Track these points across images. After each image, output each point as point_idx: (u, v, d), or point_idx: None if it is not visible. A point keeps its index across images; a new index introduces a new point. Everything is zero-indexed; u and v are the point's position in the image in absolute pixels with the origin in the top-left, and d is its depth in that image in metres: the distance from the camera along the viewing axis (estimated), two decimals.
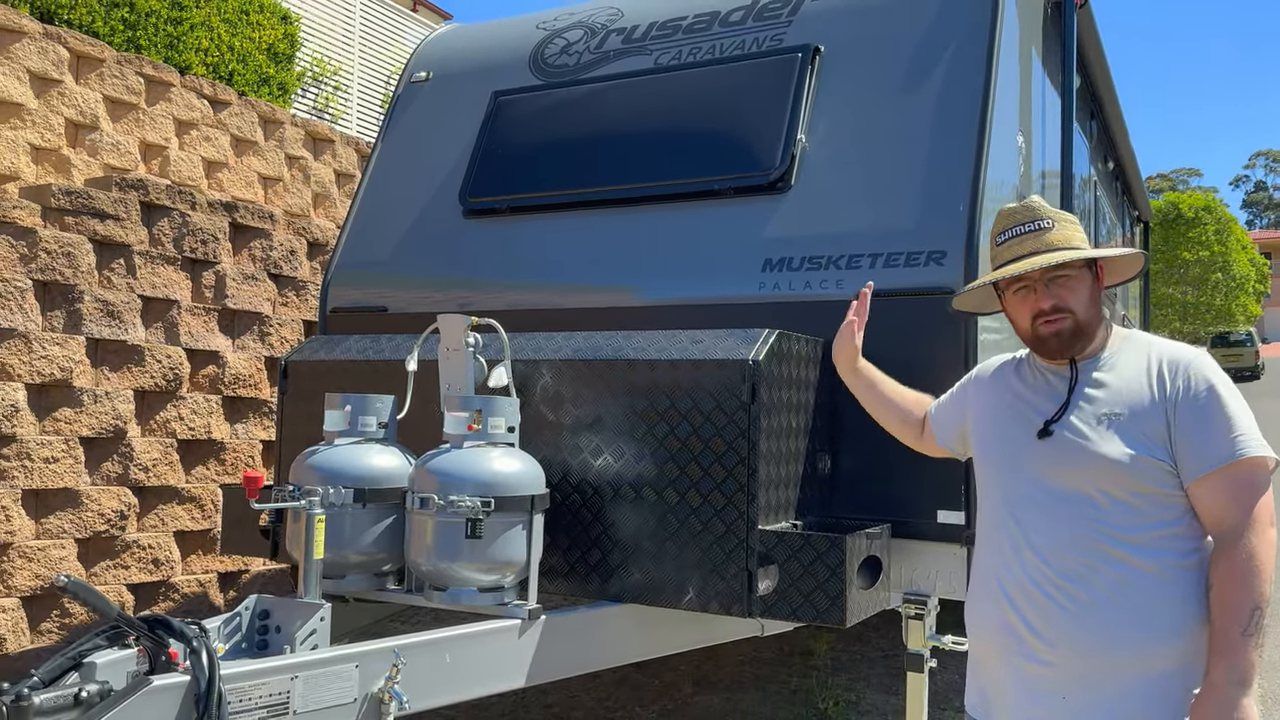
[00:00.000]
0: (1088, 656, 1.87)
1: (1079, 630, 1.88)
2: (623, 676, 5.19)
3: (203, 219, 5.63)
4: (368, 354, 3.99)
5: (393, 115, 5.18)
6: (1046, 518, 1.94)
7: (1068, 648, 1.89)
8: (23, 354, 4.73)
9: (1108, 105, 6.31)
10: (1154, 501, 1.88)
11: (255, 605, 2.91)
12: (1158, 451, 1.87)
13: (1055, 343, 2.00)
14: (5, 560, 4.61)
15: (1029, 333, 2.04)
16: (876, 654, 5.74)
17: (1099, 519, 1.89)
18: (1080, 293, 2.00)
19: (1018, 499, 2.00)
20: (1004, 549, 2.01)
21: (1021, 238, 2.05)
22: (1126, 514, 1.88)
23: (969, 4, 3.99)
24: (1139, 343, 2.01)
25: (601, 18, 4.84)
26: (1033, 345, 2.07)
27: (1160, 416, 1.89)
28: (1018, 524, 1.99)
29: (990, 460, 2.10)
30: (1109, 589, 1.87)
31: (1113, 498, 1.88)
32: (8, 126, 5.90)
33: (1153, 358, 1.96)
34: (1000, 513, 2.04)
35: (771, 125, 4.03)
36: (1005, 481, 2.04)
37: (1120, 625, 1.85)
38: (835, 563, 3.00)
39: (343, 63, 9.90)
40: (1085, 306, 2.00)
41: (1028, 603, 1.94)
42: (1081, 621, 1.88)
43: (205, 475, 5.53)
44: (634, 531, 3.34)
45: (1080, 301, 1.99)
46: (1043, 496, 1.96)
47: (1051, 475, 1.95)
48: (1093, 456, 1.90)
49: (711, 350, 3.30)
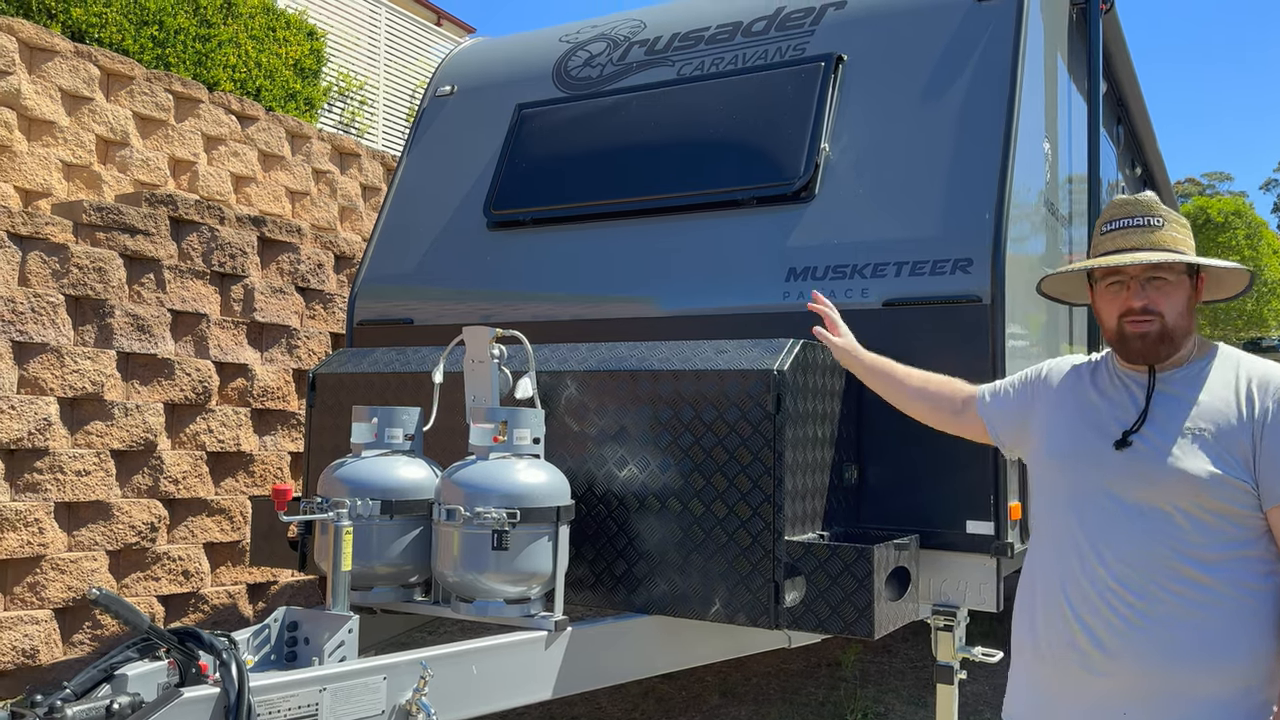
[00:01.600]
0: (1151, 674, 1.81)
1: (1144, 646, 1.82)
2: (649, 688, 5.18)
3: (231, 233, 5.69)
4: (394, 366, 4.01)
5: (418, 129, 5.22)
6: (1117, 529, 1.88)
7: (1131, 663, 1.83)
8: (55, 368, 4.79)
9: (1135, 110, 6.25)
10: (1230, 521, 1.82)
11: (284, 617, 2.92)
12: (1240, 472, 1.81)
13: (1139, 344, 1.92)
14: (38, 572, 4.66)
15: (1114, 330, 1.96)
16: (904, 665, 5.70)
17: (1172, 535, 1.83)
18: (1175, 299, 1.92)
19: (1087, 508, 1.93)
20: (1067, 558, 1.94)
21: (1128, 231, 1.97)
22: (1201, 532, 1.82)
23: (993, 10, 3.97)
24: (1227, 357, 1.94)
25: (624, 30, 4.86)
26: (1116, 344, 1.98)
27: (1247, 437, 1.82)
28: (1085, 534, 1.92)
29: (1059, 466, 2.01)
30: (1177, 607, 1.81)
31: (1188, 514, 1.82)
32: (40, 144, 5.99)
33: (1241, 375, 1.89)
34: (1066, 520, 1.96)
35: (795, 134, 4.02)
36: (1074, 489, 1.96)
37: (1187, 644, 1.80)
38: (863, 574, 2.98)
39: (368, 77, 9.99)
40: (1177, 314, 1.92)
41: (1092, 614, 1.88)
42: (1147, 637, 1.82)
43: (234, 487, 5.58)
44: (659, 543, 3.33)
45: (1173, 308, 1.92)
46: (1115, 508, 1.89)
47: (1127, 487, 1.88)
48: (1173, 471, 1.83)
49: (736, 361, 3.30)
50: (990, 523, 3.42)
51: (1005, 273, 3.52)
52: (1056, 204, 4.36)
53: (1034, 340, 3.94)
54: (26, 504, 4.61)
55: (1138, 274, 1.93)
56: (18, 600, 4.61)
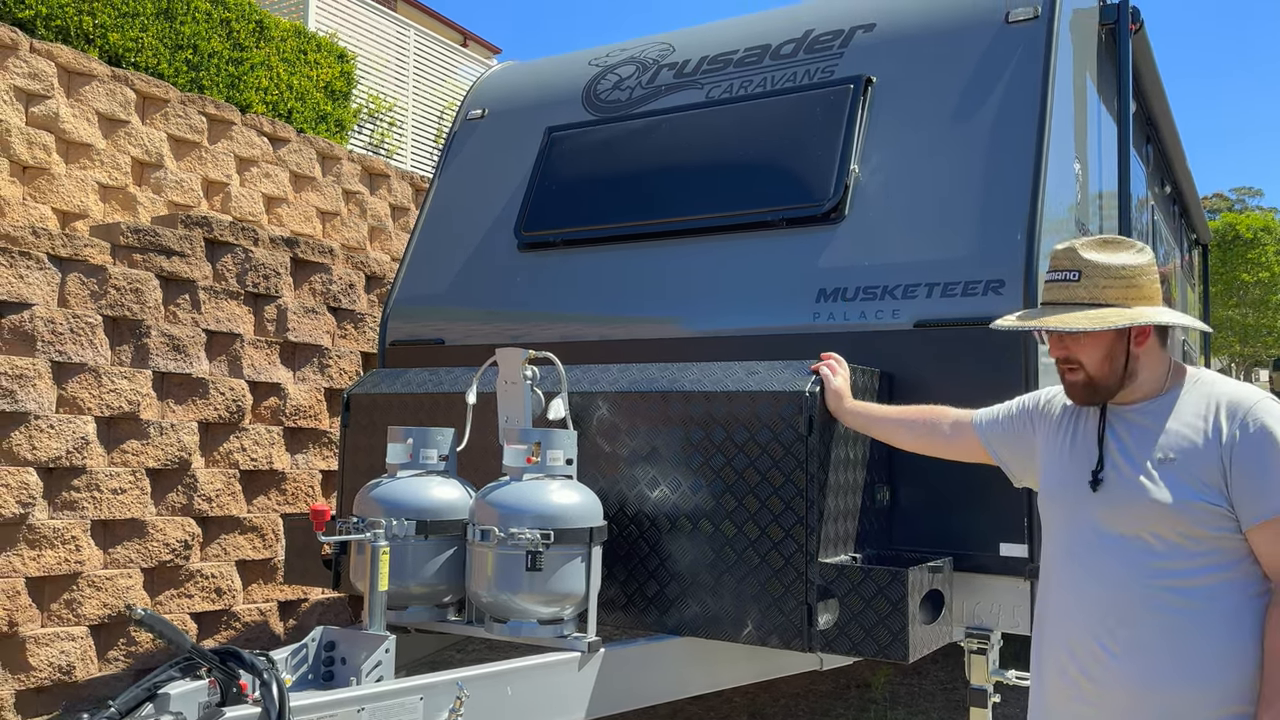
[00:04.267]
0: (1136, 701, 1.86)
1: (1129, 671, 1.87)
2: (678, 709, 5.16)
3: (264, 254, 5.76)
4: (427, 387, 4.05)
5: (449, 151, 5.28)
6: (1101, 560, 1.93)
7: (1117, 689, 1.88)
8: (93, 388, 4.86)
9: (1164, 129, 6.24)
10: (1207, 545, 1.85)
11: (321, 637, 2.95)
12: (1211, 496, 1.84)
13: (1071, 390, 2.02)
14: (75, 589, 4.72)
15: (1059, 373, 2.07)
16: (935, 687, 5.66)
17: (1151, 562, 1.87)
18: (1092, 351, 1.96)
19: (1075, 540, 1.99)
20: (1063, 590, 2.01)
21: (1051, 285, 2.02)
22: (1178, 556, 1.86)
23: (1023, 31, 3.98)
24: (1200, 384, 1.97)
25: (653, 53, 4.90)
26: None
27: (1215, 461, 1.85)
28: (1076, 566, 1.98)
29: (1053, 502, 2.09)
30: (1159, 630, 1.85)
31: (1165, 540, 1.86)
32: (78, 166, 6.10)
33: (1213, 401, 1.92)
34: (1061, 554, 2.03)
35: (824, 156, 4.04)
36: (1065, 523, 2.04)
37: (1169, 667, 1.83)
38: (897, 597, 2.97)
39: (397, 99, 10.10)
40: (1097, 363, 1.96)
41: (1080, 643, 1.94)
42: (1131, 664, 1.86)
43: (266, 505, 5.63)
44: (691, 564, 3.34)
45: (1092, 359, 1.96)
46: (1096, 540, 1.95)
47: (1104, 519, 1.95)
48: (1143, 501, 1.89)
49: (767, 382, 3.31)
50: (1024, 545, 3.40)
51: (1038, 294, 3.52)
52: (1087, 223, 4.35)
53: None
54: (64, 521, 4.67)
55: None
56: (55, 617, 4.66)
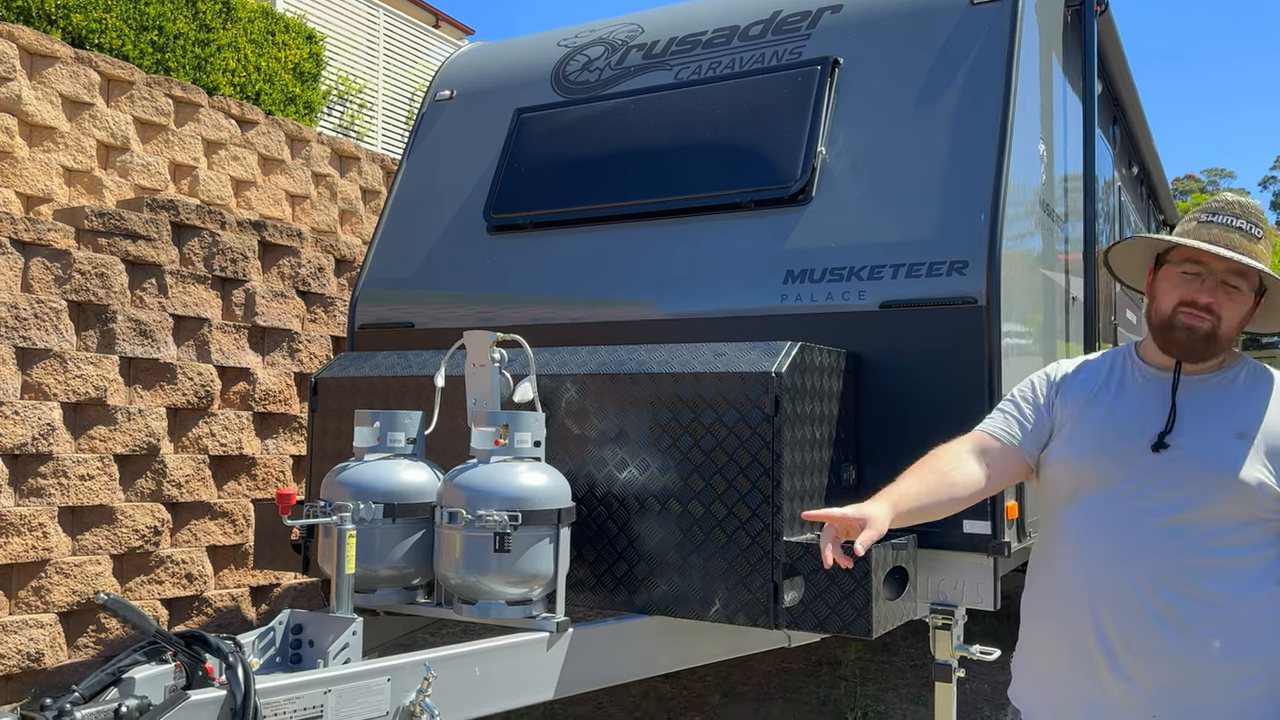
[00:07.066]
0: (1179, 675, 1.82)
1: (1174, 649, 1.82)
2: (650, 688, 5.21)
3: (232, 238, 5.72)
4: (396, 370, 4.04)
5: (417, 134, 5.25)
6: (1149, 531, 1.86)
7: (1160, 666, 1.83)
8: (58, 374, 4.82)
9: (1130, 110, 6.29)
10: (1257, 525, 1.83)
11: (289, 620, 2.95)
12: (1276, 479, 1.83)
13: (1185, 337, 1.90)
14: (43, 576, 4.69)
15: (1166, 316, 1.93)
16: (905, 664, 5.73)
17: (1206, 536, 1.83)
18: (1237, 309, 1.92)
19: (1115, 510, 1.90)
20: (1092, 560, 1.91)
21: (1230, 229, 1.93)
22: (1231, 534, 1.83)
23: (987, 13, 4.00)
24: (1261, 370, 1.96)
25: (622, 34, 4.88)
26: (1160, 330, 1.95)
27: None
28: (1111, 536, 1.90)
29: (1086, 464, 1.97)
30: (1208, 610, 1.81)
31: (1225, 515, 1.83)
32: (41, 149, 6.02)
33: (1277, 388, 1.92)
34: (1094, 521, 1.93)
35: (792, 138, 4.05)
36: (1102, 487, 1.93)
37: (1217, 647, 1.80)
38: (861, 574, 3.01)
39: (367, 80, 10.02)
40: (1232, 324, 1.92)
41: (1123, 618, 1.86)
42: (1177, 640, 1.82)
43: (237, 490, 5.61)
44: (660, 544, 3.36)
45: (1232, 316, 1.91)
46: (1141, 508, 1.87)
47: (1159, 489, 1.87)
48: (1214, 471, 1.84)
49: (734, 363, 3.33)
50: (987, 522, 3.45)
51: (1001, 274, 3.55)
52: (1052, 204, 4.39)
53: (1030, 341, 3.97)
54: (30, 509, 4.64)
55: (1219, 271, 1.90)
56: (22, 604, 4.63)
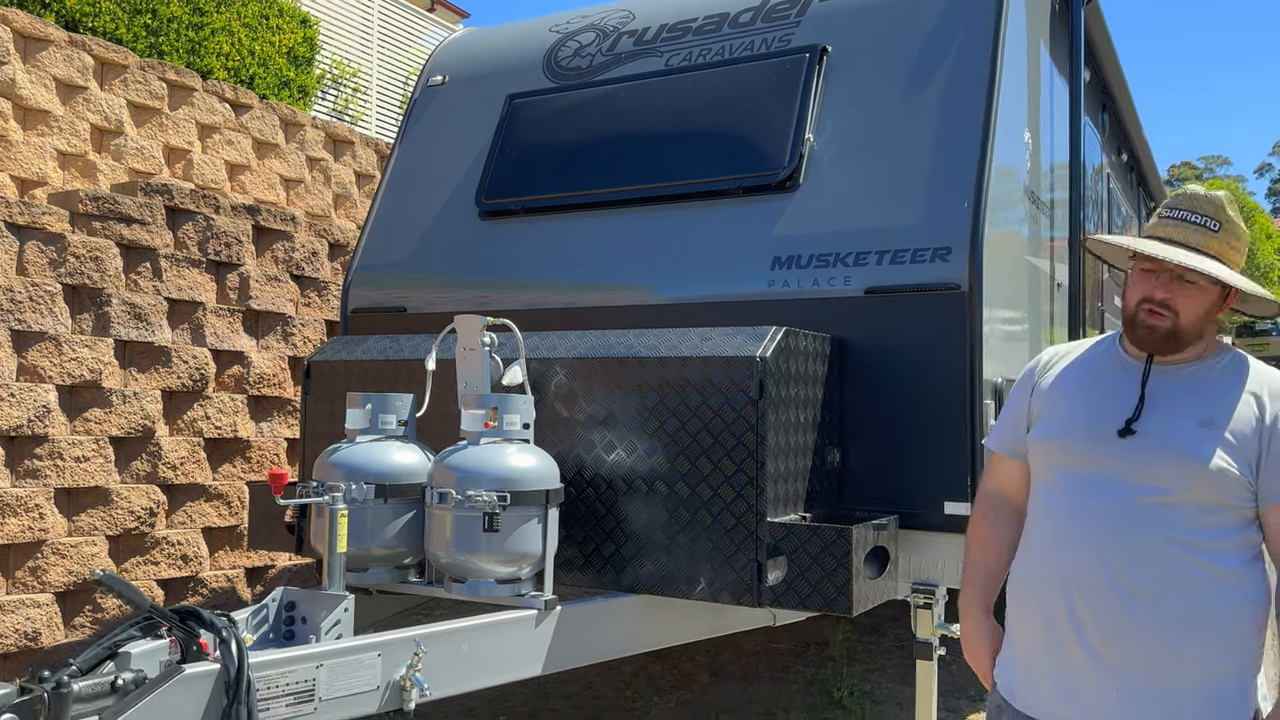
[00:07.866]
0: (1150, 654, 1.88)
1: (1142, 628, 1.88)
2: (641, 666, 5.28)
3: (226, 222, 5.75)
4: (388, 354, 4.09)
5: (410, 119, 5.28)
6: (1111, 512, 1.92)
7: (1128, 644, 1.89)
8: (53, 356, 4.86)
9: (1119, 97, 6.33)
10: (1222, 511, 1.89)
11: (282, 597, 3.01)
12: (1245, 469, 1.88)
13: (1145, 334, 1.97)
14: (39, 557, 4.75)
15: (1130, 312, 2.01)
16: (892, 644, 5.81)
17: (1168, 520, 1.88)
18: (1196, 303, 1.95)
19: (1081, 490, 1.97)
20: (1065, 540, 1.97)
21: (1182, 225, 1.98)
22: (1196, 517, 1.88)
23: (974, 1, 4.04)
24: (1242, 359, 2.00)
25: (613, 20, 4.92)
26: (1126, 326, 2.03)
27: (1256, 437, 1.90)
28: (1082, 516, 1.96)
29: (1057, 447, 2.04)
30: (1174, 589, 1.87)
31: (1191, 501, 1.88)
32: (35, 133, 6.04)
33: (1261, 379, 1.96)
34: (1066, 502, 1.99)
35: (780, 125, 4.10)
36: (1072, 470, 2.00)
37: (1184, 627, 1.86)
38: (842, 553, 3.07)
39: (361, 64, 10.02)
40: (1193, 318, 1.96)
41: (1092, 596, 1.92)
42: (1146, 619, 1.87)
43: (231, 473, 5.67)
44: (646, 524, 3.42)
45: (1191, 311, 1.95)
46: (1109, 490, 1.94)
47: (1126, 472, 1.93)
48: (1177, 458, 1.89)
49: (720, 348, 3.38)
50: (966, 503, 3.51)
51: (984, 260, 3.60)
52: (1038, 192, 4.44)
53: (1014, 326, 4.03)
54: (27, 490, 4.69)
55: (1171, 268, 1.95)
56: (19, 584, 4.69)
